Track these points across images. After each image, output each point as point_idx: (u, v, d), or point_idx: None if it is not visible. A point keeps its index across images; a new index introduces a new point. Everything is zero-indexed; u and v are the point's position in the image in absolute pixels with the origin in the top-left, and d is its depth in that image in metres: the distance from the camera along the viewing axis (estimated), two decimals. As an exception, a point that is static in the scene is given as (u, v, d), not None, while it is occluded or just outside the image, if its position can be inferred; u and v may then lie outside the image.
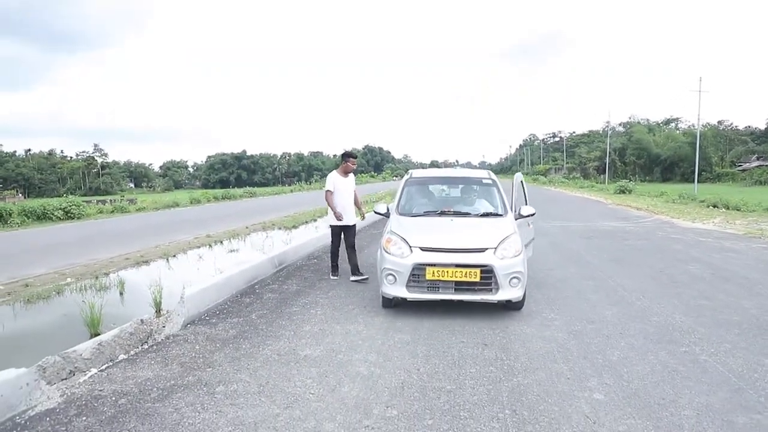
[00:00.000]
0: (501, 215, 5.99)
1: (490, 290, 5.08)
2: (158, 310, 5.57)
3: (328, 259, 8.53)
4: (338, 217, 7.05)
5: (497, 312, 5.46)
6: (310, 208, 23.10)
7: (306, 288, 6.74)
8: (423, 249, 5.14)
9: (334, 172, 7.32)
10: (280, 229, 16.37)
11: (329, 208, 7.19)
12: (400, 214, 6.08)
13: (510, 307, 5.42)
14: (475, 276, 5.01)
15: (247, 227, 16.66)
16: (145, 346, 4.66)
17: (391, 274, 5.19)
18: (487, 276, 5.03)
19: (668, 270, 7.81)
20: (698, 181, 39.19)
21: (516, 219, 5.96)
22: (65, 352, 4.10)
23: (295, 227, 16.71)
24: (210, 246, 12.73)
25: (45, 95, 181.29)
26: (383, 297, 5.44)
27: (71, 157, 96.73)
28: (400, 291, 5.16)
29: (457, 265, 5.01)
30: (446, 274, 5.02)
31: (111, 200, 43.88)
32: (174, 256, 11.16)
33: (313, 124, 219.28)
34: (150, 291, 6.52)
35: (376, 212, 6.46)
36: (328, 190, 7.12)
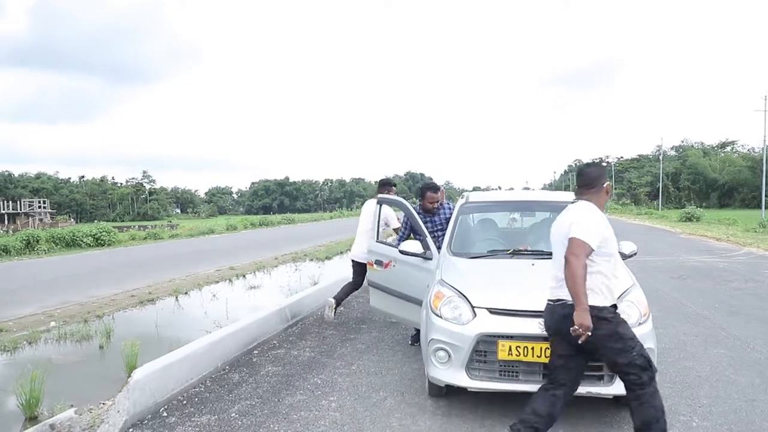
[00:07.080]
0: (603, 257, 4.10)
1: (601, 378, 3.22)
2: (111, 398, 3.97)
3: (357, 306, 6.84)
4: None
5: (610, 410, 3.55)
6: (347, 236, 21.55)
7: (323, 355, 4.89)
8: (492, 311, 3.34)
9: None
10: (311, 260, 14.87)
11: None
12: (454, 254, 4.26)
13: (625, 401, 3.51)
14: (576, 357, 3.16)
15: (276, 258, 15.30)
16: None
17: (442, 350, 3.39)
18: (597, 357, 3.18)
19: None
20: (760, 207, 35.52)
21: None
22: None
23: (328, 258, 15.21)
24: (230, 281, 11.34)
25: (102, 126, 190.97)
26: (430, 382, 3.63)
27: (121, 184, 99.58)
28: (456, 376, 3.35)
29: (548, 338, 3.19)
30: (531, 351, 3.20)
31: (152, 225, 43.68)
32: (185, 293, 9.77)
33: (355, 151, 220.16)
34: (123, 353, 5.03)
35: (403, 252, 4.44)
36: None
